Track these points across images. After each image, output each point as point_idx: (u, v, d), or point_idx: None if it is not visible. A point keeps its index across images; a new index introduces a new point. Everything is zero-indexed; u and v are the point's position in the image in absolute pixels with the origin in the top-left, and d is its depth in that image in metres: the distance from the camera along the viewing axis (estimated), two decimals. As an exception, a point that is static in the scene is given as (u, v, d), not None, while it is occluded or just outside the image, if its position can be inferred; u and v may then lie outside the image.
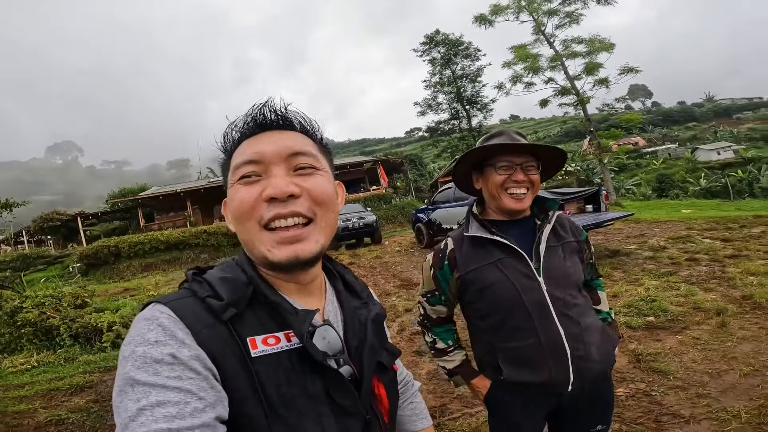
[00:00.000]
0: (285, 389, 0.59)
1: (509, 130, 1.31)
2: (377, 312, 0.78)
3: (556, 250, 1.25)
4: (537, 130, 61.45)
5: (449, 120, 28.52)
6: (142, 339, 0.54)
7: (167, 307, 0.59)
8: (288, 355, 0.62)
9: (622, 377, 2.91)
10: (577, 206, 7.39)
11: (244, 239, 0.66)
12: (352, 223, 12.39)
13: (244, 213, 0.63)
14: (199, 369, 0.54)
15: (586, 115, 16.33)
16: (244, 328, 0.61)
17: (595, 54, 15.30)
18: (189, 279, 0.67)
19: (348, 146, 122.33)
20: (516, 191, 1.23)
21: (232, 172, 0.65)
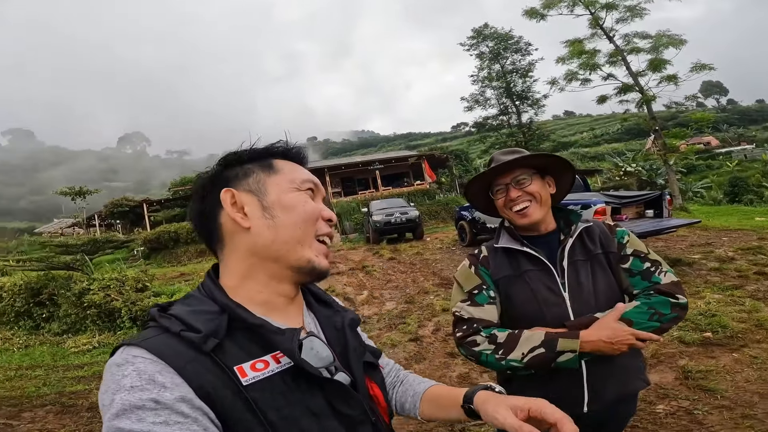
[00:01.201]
0: (286, 411, 0.58)
1: (497, 153, 1.35)
2: (351, 317, 0.80)
3: (583, 266, 1.22)
4: (594, 127, 58.05)
5: (497, 116, 27.68)
6: (118, 386, 0.52)
7: (140, 348, 0.56)
8: (281, 377, 0.61)
9: (665, 393, 2.78)
10: (635, 211, 6.93)
11: (295, 238, 0.68)
12: (395, 218, 12.44)
13: (313, 219, 0.71)
14: (186, 411, 0.52)
15: (651, 113, 15.18)
16: (227, 358, 0.59)
17: (662, 50, 14.14)
18: (156, 316, 0.63)
19: (393, 140, 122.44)
20: (517, 207, 1.25)
21: (300, 181, 0.73)
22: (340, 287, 7.64)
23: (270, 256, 0.68)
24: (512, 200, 1.25)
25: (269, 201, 0.69)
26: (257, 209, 0.69)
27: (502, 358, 1.12)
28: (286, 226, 0.68)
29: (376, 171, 24.20)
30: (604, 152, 34.95)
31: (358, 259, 10.07)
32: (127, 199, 28.78)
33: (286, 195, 0.70)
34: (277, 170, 0.73)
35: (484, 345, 1.16)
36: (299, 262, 0.69)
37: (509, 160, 1.25)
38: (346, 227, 17.68)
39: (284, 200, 0.70)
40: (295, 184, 0.72)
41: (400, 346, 4.46)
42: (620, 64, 14.99)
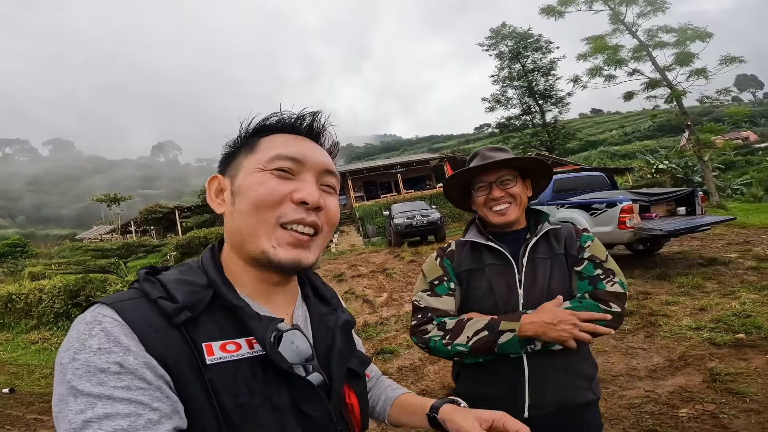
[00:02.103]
0: (245, 399, 0.55)
1: (483, 149, 1.35)
2: (346, 319, 0.75)
3: (542, 263, 1.22)
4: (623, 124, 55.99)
5: (520, 115, 27.27)
6: (83, 345, 0.50)
7: (111, 308, 0.54)
8: (249, 363, 0.58)
9: (691, 396, 2.65)
10: (666, 209, 6.67)
11: (246, 226, 0.62)
12: (416, 221, 12.41)
13: (269, 204, 0.62)
14: (150, 378, 0.50)
15: (682, 109, 14.55)
16: (199, 334, 0.56)
17: (688, 43, 13.57)
18: (141, 278, 0.61)
19: (416, 143, 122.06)
20: (497, 207, 1.26)
21: (268, 159, 0.64)
22: (360, 289, 7.68)
23: (235, 244, 0.65)
24: (494, 199, 1.26)
25: (236, 185, 0.65)
26: (229, 194, 0.66)
27: (449, 344, 1.15)
28: (241, 212, 0.63)
29: (398, 174, 24.23)
30: (635, 150, 33.66)
31: (379, 262, 10.10)
32: (160, 205, 29.94)
33: (247, 177, 0.64)
34: (256, 150, 0.66)
35: (433, 332, 1.18)
36: (254, 253, 0.62)
37: (502, 159, 1.25)
38: (368, 230, 17.77)
39: (244, 183, 0.64)
40: (261, 164, 0.64)
41: (416, 347, 4.43)
42: (645, 59, 14.48)
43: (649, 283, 5.50)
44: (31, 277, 14.04)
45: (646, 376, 3.15)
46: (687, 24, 13.80)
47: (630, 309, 4.50)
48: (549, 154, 24.52)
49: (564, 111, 26.77)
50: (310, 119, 0.70)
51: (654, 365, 3.29)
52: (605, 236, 6.00)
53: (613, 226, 5.96)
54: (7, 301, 9.88)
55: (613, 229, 5.96)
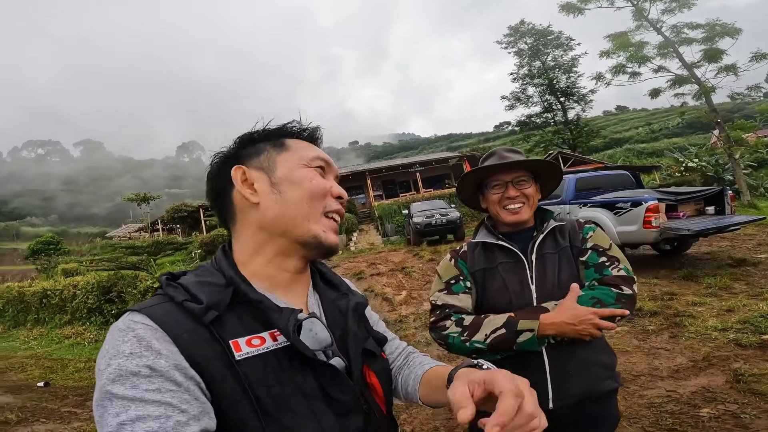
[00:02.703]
0: (276, 389, 0.58)
1: (500, 149, 1.39)
2: (357, 301, 0.78)
3: (551, 258, 1.26)
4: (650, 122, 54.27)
5: (541, 113, 26.80)
6: (117, 351, 0.53)
7: (142, 314, 0.57)
8: (275, 355, 0.61)
9: (713, 397, 2.62)
10: (695, 208, 6.47)
11: (302, 213, 0.70)
12: (435, 220, 12.40)
13: (320, 194, 0.72)
14: (180, 380, 0.53)
15: (711, 106, 14.04)
16: (226, 331, 0.60)
17: (716, 40, 13.08)
18: (163, 284, 0.65)
19: (434, 142, 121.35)
20: (511, 206, 1.30)
21: (310, 159, 0.74)
22: (379, 287, 7.76)
23: (277, 231, 0.70)
24: (509, 198, 1.30)
25: (278, 177, 0.71)
26: (266, 185, 0.71)
27: (467, 340, 1.17)
28: (293, 201, 0.70)
29: (416, 173, 24.20)
30: (663, 148, 32.56)
31: (398, 261, 10.15)
32: (185, 204, 30.68)
33: (295, 171, 0.72)
34: (288, 148, 0.74)
35: (452, 328, 1.21)
36: (306, 237, 0.70)
37: (522, 159, 1.31)
38: (387, 229, 17.84)
39: (292, 176, 0.71)
40: (305, 161, 0.73)
41: (435, 344, 4.48)
42: (672, 56, 14.03)
43: (675, 284, 5.38)
44: (64, 274, 14.69)
45: (668, 376, 3.11)
46: (715, 20, 13.30)
47: (655, 309, 4.43)
48: (571, 152, 24.04)
49: (587, 108, 26.21)
50: (317, 132, 0.81)
51: (677, 365, 3.24)
52: (630, 236, 5.89)
53: (638, 226, 5.83)
54: (42, 296, 10.35)
55: (638, 228, 5.83)
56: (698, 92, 13.77)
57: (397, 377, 0.86)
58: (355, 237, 17.96)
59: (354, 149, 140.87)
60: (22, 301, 10.72)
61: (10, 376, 6.18)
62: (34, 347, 8.55)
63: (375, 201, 23.60)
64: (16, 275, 24.39)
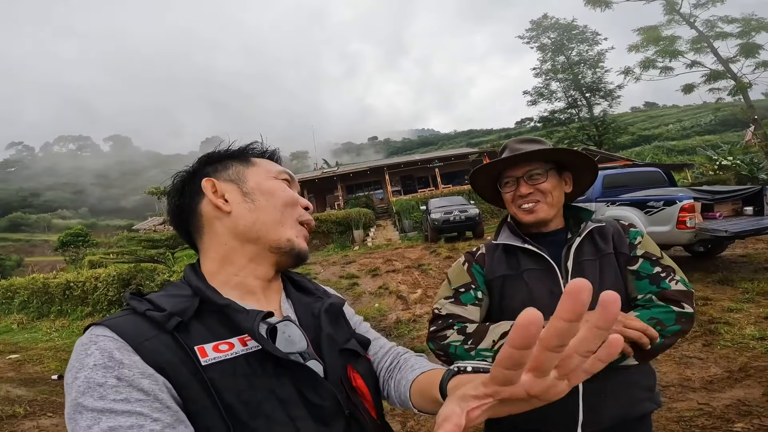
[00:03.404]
0: (247, 395, 0.56)
1: (512, 141, 1.21)
2: (331, 302, 0.79)
3: (591, 266, 1.07)
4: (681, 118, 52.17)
5: (566, 109, 26.12)
6: (81, 364, 0.53)
7: (103, 326, 0.57)
8: (245, 360, 0.59)
9: (748, 410, 2.46)
10: (732, 208, 6.11)
11: (275, 219, 0.73)
12: (454, 216, 12.21)
13: (291, 203, 0.76)
14: (147, 388, 0.52)
15: (748, 102, 13.36)
16: (191, 338, 0.58)
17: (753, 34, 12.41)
18: (126, 299, 0.65)
19: (454, 137, 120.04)
20: (525, 205, 1.12)
21: (277, 172, 0.79)
22: (394, 285, 7.65)
23: (250, 238, 0.71)
24: (522, 196, 1.14)
25: (249, 187, 0.74)
26: (238, 195, 0.73)
27: (471, 348, 1.01)
28: (266, 208, 0.73)
29: (435, 169, 23.97)
30: (695, 145, 31.25)
31: (415, 257, 10.02)
32: (205, 198, 31.36)
33: (265, 182, 0.76)
34: (254, 163, 0.79)
35: (453, 337, 1.06)
36: (279, 242, 0.72)
37: (527, 152, 1.12)
38: (404, 225, 17.71)
39: (264, 186, 0.75)
40: (273, 174, 0.78)
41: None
42: (706, 51, 13.40)
43: (709, 288, 5.08)
44: (90, 266, 15.18)
45: (700, 387, 2.91)
46: (751, 14, 12.64)
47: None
48: (597, 149, 23.34)
49: (614, 104, 25.35)
50: (277, 154, 0.85)
51: (711, 376, 3.03)
52: (662, 236, 5.58)
53: (671, 226, 5.51)
54: (65, 288, 10.67)
55: (671, 229, 5.51)
56: (734, 88, 13.14)
57: (389, 382, 0.80)
58: (372, 232, 17.90)
59: (373, 144, 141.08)
60: (47, 293, 11.07)
61: (27, 369, 6.34)
62: (55, 339, 8.79)
63: (393, 196, 23.48)
64: (46, 266, 25.42)
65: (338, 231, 17.01)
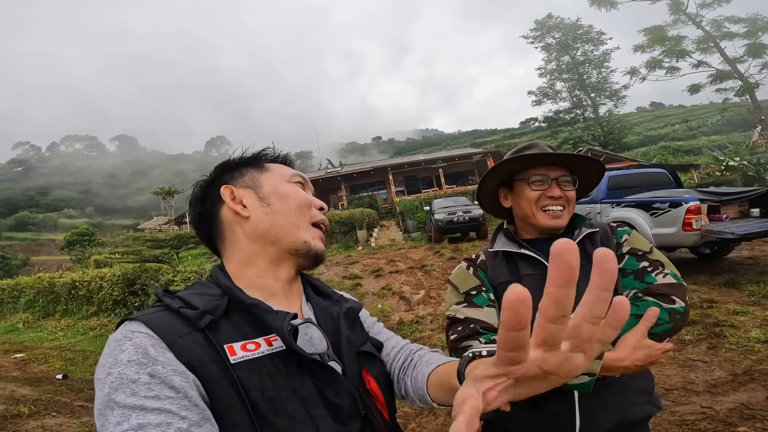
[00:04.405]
0: (272, 393, 0.58)
1: (541, 141, 1.19)
2: (349, 306, 0.81)
3: (583, 271, 1.04)
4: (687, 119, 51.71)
5: (570, 109, 25.98)
6: (116, 360, 0.53)
7: (138, 322, 0.58)
8: (270, 359, 0.61)
9: (752, 414, 2.43)
10: (738, 209, 6.08)
11: (292, 222, 0.75)
12: (457, 217, 12.18)
13: (306, 206, 0.79)
14: (178, 386, 0.53)
15: (755, 102, 13.26)
16: (220, 336, 0.60)
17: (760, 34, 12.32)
18: (160, 295, 0.66)
19: (458, 138, 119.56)
20: (552, 208, 1.10)
21: (290, 176, 0.81)
22: (397, 286, 7.64)
23: (269, 240, 0.74)
24: (552, 197, 1.11)
25: (265, 192, 0.77)
26: (255, 200, 0.76)
27: None
28: (282, 211, 0.75)
29: (439, 169, 23.93)
30: (701, 146, 30.99)
31: (418, 258, 10.01)
32: (211, 198, 31.39)
33: (280, 186, 0.78)
34: (268, 168, 0.81)
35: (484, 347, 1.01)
36: (296, 244, 0.74)
37: (582, 155, 1.12)
38: (408, 225, 17.68)
39: (279, 190, 0.77)
40: (286, 178, 0.80)
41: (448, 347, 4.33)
42: (712, 51, 13.32)
43: (715, 291, 5.03)
44: (96, 265, 15.28)
45: (704, 390, 2.88)
46: (755, 14, 12.56)
47: (692, 318, 4.14)
48: (602, 149, 23.20)
49: (619, 104, 25.18)
50: (289, 158, 0.88)
51: (714, 379, 3.00)
52: (667, 239, 5.54)
53: (677, 228, 5.46)
54: (71, 287, 10.71)
55: (677, 230, 5.46)
56: (741, 88, 13.04)
57: (405, 380, 0.79)
58: (376, 233, 17.89)
59: (377, 145, 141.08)
60: (52, 292, 11.14)
61: (32, 368, 6.37)
62: (60, 338, 8.84)
63: (397, 197, 23.46)
64: (53, 265, 25.61)
65: (342, 231, 17.01)
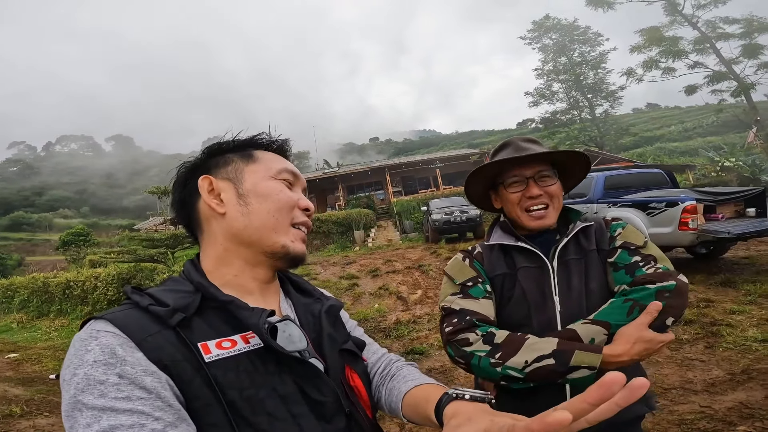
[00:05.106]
0: (250, 392, 0.56)
1: (516, 138, 1.18)
2: (331, 304, 0.79)
3: (576, 265, 1.06)
4: (683, 120, 52.01)
5: (567, 110, 26.10)
6: (81, 360, 0.51)
7: (104, 321, 0.55)
8: (248, 357, 0.59)
9: (751, 413, 2.43)
10: (734, 209, 6.09)
11: (268, 225, 0.69)
12: (454, 217, 12.20)
13: (287, 207, 0.72)
14: (150, 386, 0.50)
15: (750, 103, 13.35)
16: (194, 334, 0.58)
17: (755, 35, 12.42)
18: (128, 293, 0.63)
19: (455, 138, 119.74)
20: (535, 208, 1.09)
21: (277, 171, 0.74)
22: (394, 285, 7.63)
23: (244, 242, 0.70)
24: (531, 197, 1.10)
25: (245, 188, 0.71)
26: (233, 196, 0.71)
27: (498, 364, 0.92)
28: (259, 213, 0.70)
29: (436, 169, 23.96)
30: (697, 147, 31.19)
31: (415, 258, 10.00)
32: (206, 198, 31.32)
33: (261, 183, 0.72)
34: (256, 159, 0.75)
35: (477, 345, 0.95)
36: (273, 248, 0.70)
37: (546, 151, 1.09)
38: (405, 226, 17.68)
39: (259, 188, 0.71)
40: (272, 173, 0.73)
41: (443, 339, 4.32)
42: (708, 52, 13.41)
43: (711, 290, 5.05)
44: (91, 265, 15.17)
45: (702, 390, 2.88)
46: (749, 14, 12.66)
47: (690, 317, 4.15)
48: (599, 150, 23.30)
49: (616, 105, 25.32)
50: (286, 144, 0.81)
51: (712, 378, 3.00)
52: (664, 238, 5.56)
53: (673, 227, 5.50)
54: (65, 287, 10.61)
55: (673, 230, 5.50)
56: (737, 89, 13.13)
57: (380, 388, 0.80)
58: (373, 233, 17.87)
59: (375, 145, 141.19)
60: (46, 292, 11.03)
61: (25, 368, 6.30)
62: (54, 338, 8.74)
63: (394, 197, 23.45)
64: (48, 265, 25.43)
65: (339, 231, 16.99)
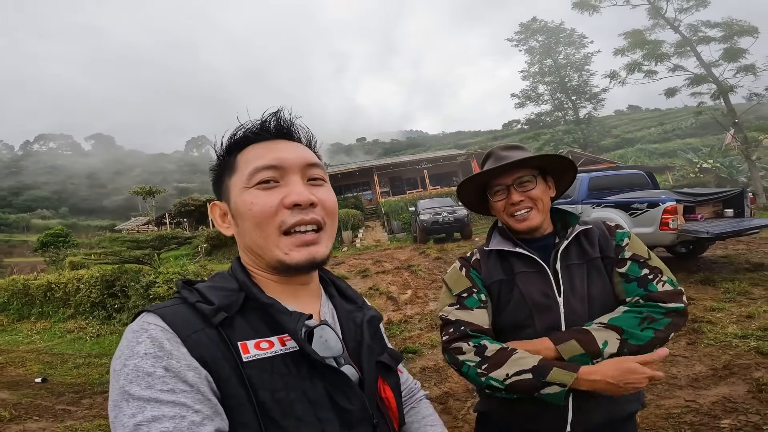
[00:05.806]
0: (281, 394, 0.57)
1: (497, 148, 1.23)
2: (372, 315, 0.79)
3: (578, 269, 1.10)
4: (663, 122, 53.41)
5: (552, 111, 26.57)
6: (132, 352, 0.54)
7: (155, 315, 0.58)
8: (283, 359, 0.60)
9: (734, 407, 2.52)
10: (713, 210, 6.28)
11: (257, 243, 0.66)
12: (442, 218, 12.30)
13: (265, 219, 0.64)
14: (192, 380, 0.53)
15: (729, 105, 13.77)
16: (235, 334, 0.60)
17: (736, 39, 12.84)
18: (179, 287, 0.66)
19: (442, 139, 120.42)
20: (518, 213, 1.14)
21: (248, 176, 0.65)
22: (384, 286, 7.65)
23: (255, 254, 0.70)
24: (513, 204, 1.15)
25: (233, 208, 0.69)
26: (230, 217, 0.71)
27: (483, 374, 1.01)
28: (246, 233, 0.68)
29: (424, 170, 24.07)
30: (675, 148, 32.07)
31: (404, 258, 10.04)
32: (193, 198, 30.82)
33: (238, 200, 0.67)
34: (236, 169, 0.69)
35: (469, 355, 1.05)
36: (272, 262, 0.67)
37: (518, 159, 1.13)
38: (393, 226, 17.73)
39: (238, 207, 0.67)
40: (245, 182, 0.66)
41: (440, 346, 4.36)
42: (689, 55, 13.80)
43: (692, 288, 5.21)
44: (71, 267, 14.76)
45: (687, 385, 2.98)
46: (730, 18, 13.08)
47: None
48: (582, 151, 23.75)
49: (599, 107, 25.88)
50: (275, 120, 0.70)
51: (696, 374, 3.10)
52: (646, 238, 5.71)
53: (654, 228, 5.66)
54: (46, 290, 10.28)
55: (654, 230, 5.66)
56: (716, 92, 13.52)
57: None
58: (361, 233, 17.87)
59: (362, 145, 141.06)
60: (27, 294, 10.69)
61: (9, 371, 6.12)
62: (36, 341, 8.50)
63: (382, 197, 23.49)
64: (26, 267, 24.68)
65: (327, 232, 16.91)
